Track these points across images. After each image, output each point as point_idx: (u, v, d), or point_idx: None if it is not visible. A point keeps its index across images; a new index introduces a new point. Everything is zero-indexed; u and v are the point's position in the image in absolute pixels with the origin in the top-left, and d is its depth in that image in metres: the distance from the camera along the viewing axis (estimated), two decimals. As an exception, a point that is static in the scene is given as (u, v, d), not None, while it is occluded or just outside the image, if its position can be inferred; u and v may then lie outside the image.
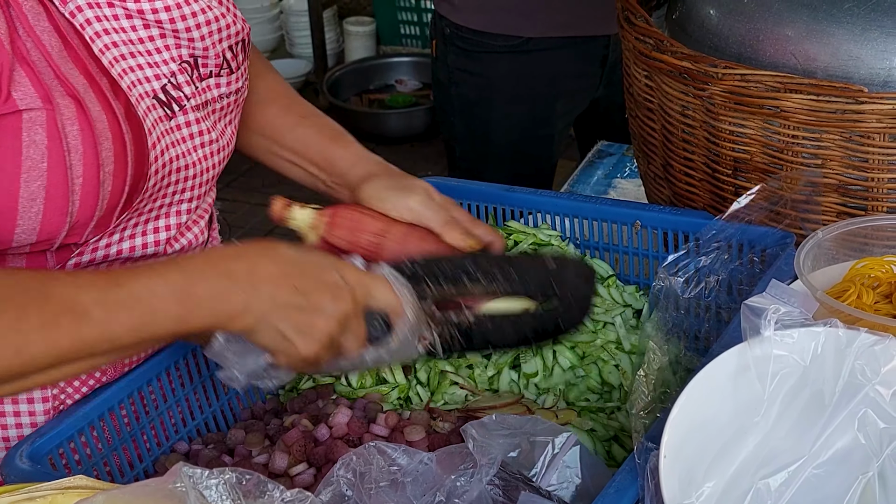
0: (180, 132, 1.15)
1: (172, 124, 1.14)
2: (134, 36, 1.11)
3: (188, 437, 1.19)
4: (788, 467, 0.97)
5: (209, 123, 1.20)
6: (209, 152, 1.20)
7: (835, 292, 1.13)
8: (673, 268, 1.25)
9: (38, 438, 1.04)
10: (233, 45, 1.21)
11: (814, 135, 1.27)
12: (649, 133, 1.48)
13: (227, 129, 1.24)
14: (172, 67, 1.14)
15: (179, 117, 1.15)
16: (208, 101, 1.19)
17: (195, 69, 1.17)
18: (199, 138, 1.18)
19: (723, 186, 1.39)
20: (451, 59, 2.33)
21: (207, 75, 1.19)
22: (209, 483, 0.71)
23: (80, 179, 1.06)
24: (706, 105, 1.33)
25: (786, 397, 0.99)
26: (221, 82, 1.20)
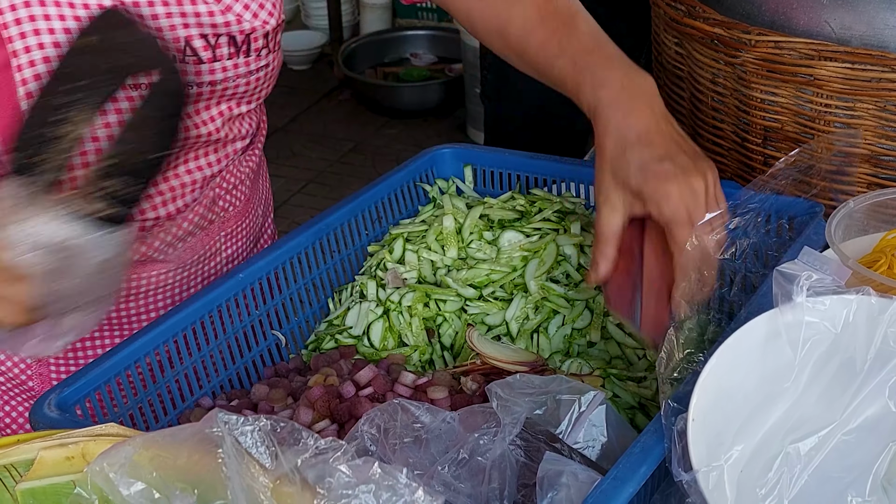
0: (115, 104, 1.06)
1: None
2: (69, 12, 1.04)
3: (212, 393, 1.19)
4: (818, 433, 0.96)
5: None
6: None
7: (865, 263, 1.12)
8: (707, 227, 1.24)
9: (66, 388, 1.04)
10: (207, 35, 1.09)
11: (847, 104, 1.26)
12: (678, 101, 1.47)
13: (201, 112, 1.16)
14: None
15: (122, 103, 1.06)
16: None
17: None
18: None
19: (752, 156, 1.37)
20: None
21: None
22: (244, 429, 0.70)
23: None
24: (738, 73, 1.32)
25: (816, 364, 0.98)
26: (188, 69, 1.10)
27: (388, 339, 1.28)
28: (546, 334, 1.27)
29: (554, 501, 0.91)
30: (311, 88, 4.84)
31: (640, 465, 0.91)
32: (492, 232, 1.37)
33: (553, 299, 1.28)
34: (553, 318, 1.28)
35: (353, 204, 1.38)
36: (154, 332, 1.13)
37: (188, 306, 1.17)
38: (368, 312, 1.29)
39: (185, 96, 1.03)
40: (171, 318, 1.15)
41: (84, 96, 0.95)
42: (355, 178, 4.04)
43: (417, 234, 1.39)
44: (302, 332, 1.33)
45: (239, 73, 1.14)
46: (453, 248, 1.35)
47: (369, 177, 2.66)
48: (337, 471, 0.71)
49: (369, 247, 1.40)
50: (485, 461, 0.97)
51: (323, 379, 1.12)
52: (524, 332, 1.27)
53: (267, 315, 1.27)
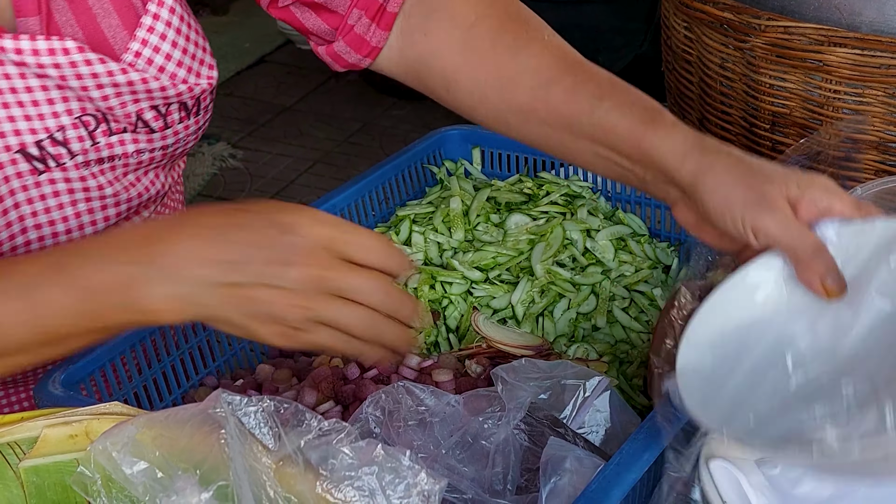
0: (53, 186, 1.02)
1: (42, 178, 1.01)
2: (20, 84, 0.96)
3: (217, 372, 1.19)
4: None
5: (109, 177, 1.06)
6: (99, 206, 1.06)
7: (872, 249, 1.12)
8: None
9: (71, 365, 1.04)
10: (159, 105, 1.03)
11: (856, 90, 1.25)
12: (686, 86, 1.46)
13: (151, 173, 1.10)
14: (63, 121, 0.99)
15: (55, 173, 1.01)
16: (115, 156, 1.04)
17: (103, 123, 1.02)
18: (82, 193, 1.04)
19: (760, 141, 1.37)
20: None
21: (120, 130, 1.03)
22: (248, 410, 0.70)
23: None
24: (747, 58, 1.32)
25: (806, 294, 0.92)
26: (140, 138, 1.04)
27: (393, 320, 1.28)
28: (551, 318, 1.27)
29: (557, 486, 0.91)
30: (318, 68, 4.81)
31: (644, 452, 0.91)
32: (499, 214, 1.37)
33: (559, 283, 1.28)
34: (559, 302, 1.28)
35: (360, 185, 1.38)
36: (159, 311, 1.13)
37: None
38: (374, 294, 1.29)
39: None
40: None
41: None
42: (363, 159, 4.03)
43: (424, 216, 1.38)
44: (307, 313, 1.33)
45: (189, 133, 1.08)
46: (460, 231, 1.35)
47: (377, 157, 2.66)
48: (340, 452, 0.71)
49: (376, 228, 1.40)
50: (489, 445, 0.97)
51: (328, 360, 1.12)
52: (529, 316, 1.27)
53: (273, 295, 1.27)
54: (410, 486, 0.71)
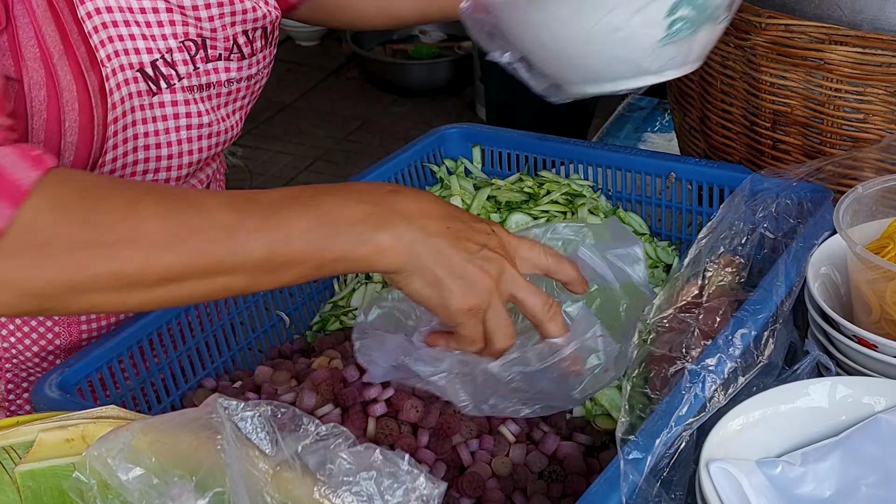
0: (162, 109, 1.11)
1: (155, 100, 1.10)
2: (136, 5, 1.07)
3: (215, 373, 1.19)
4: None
5: (207, 106, 1.16)
6: (196, 135, 1.15)
7: (873, 248, 1.11)
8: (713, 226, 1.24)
9: (67, 368, 1.04)
10: (248, 30, 1.17)
11: (857, 88, 1.24)
12: (686, 84, 1.46)
13: (231, 116, 1.20)
14: (171, 44, 1.10)
15: (165, 95, 1.11)
16: (211, 84, 1.15)
17: (201, 49, 1.13)
18: (184, 119, 1.13)
19: (761, 140, 1.36)
20: None
21: (216, 57, 1.15)
22: (245, 415, 0.70)
23: (41, 145, 1.02)
24: (748, 56, 1.31)
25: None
26: (231, 66, 1.16)
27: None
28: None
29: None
30: (318, 65, 4.83)
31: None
32: (499, 214, 1.36)
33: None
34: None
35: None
36: (157, 312, 1.12)
37: (191, 287, 1.16)
38: (374, 293, 1.29)
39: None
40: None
41: None
42: (362, 157, 4.03)
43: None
44: (307, 312, 1.32)
45: (266, 65, 1.21)
46: (459, 230, 1.34)
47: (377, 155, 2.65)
48: (338, 457, 0.70)
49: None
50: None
51: (327, 362, 1.12)
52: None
53: (271, 294, 1.27)
54: (409, 491, 0.70)
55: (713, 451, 0.93)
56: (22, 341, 1.18)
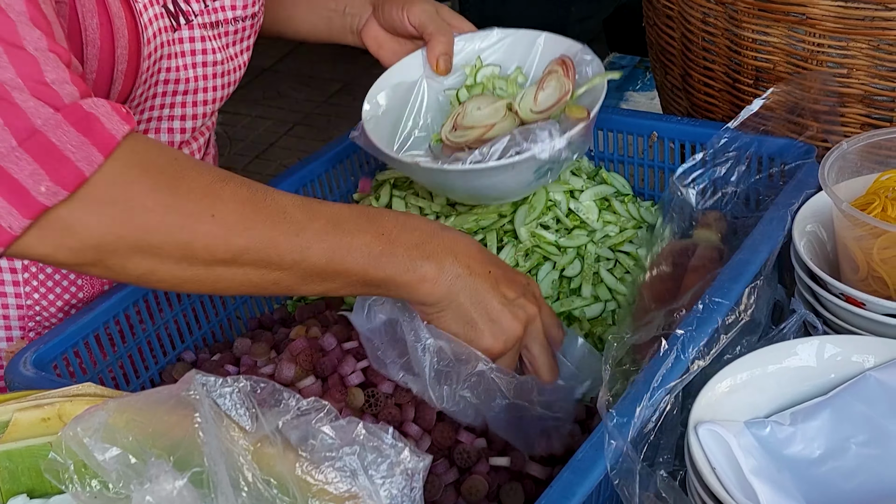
0: (181, 46, 1.14)
1: (175, 36, 1.13)
2: None
3: (195, 346, 1.17)
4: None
5: (218, 44, 1.18)
6: (210, 73, 1.18)
7: (859, 205, 1.10)
8: (686, 178, 1.23)
9: (42, 345, 1.02)
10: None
11: (840, 43, 1.23)
12: (668, 42, 1.44)
13: (238, 55, 1.23)
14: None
15: (184, 31, 1.14)
16: (219, 22, 1.18)
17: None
18: (201, 56, 1.16)
19: (743, 97, 1.35)
20: None
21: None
22: (223, 391, 0.68)
23: (94, 75, 1.04)
24: (729, 12, 1.29)
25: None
26: (237, 4, 1.19)
27: (375, 288, 1.26)
28: (535, 280, 1.25)
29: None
30: (297, 28, 4.77)
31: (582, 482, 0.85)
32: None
33: (544, 246, 1.26)
34: (543, 265, 1.26)
35: (339, 148, 1.36)
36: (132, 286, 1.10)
37: (168, 259, 1.14)
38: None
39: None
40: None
41: None
42: (344, 120, 3.99)
43: (405, 180, 1.36)
44: (287, 282, 1.30)
45: (262, 3, 1.24)
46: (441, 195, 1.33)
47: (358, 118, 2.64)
48: (320, 432, 0.69)
49: (355, 194, 1.38)
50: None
51: (304, 331, 1.10)
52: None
53: (251, 265, 1.25)
54: (394, 465, 0.69)
55: (701, 414, 0.92)
56: (46, 297, 1.18)
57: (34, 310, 1.18)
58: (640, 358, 0.98)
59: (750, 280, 1.03)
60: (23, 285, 1.17)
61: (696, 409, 0.92)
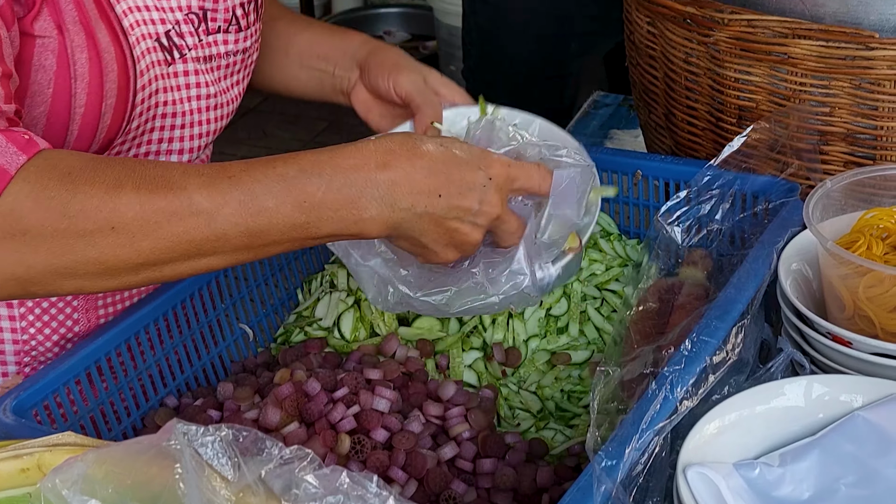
0: (176, 80, 1.14)
1: (170, 70, 1.13)
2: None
3: (177, 391, 1.16)
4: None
5: (211, 77, 1.19)
6: (204, 106, 1.18)
7: (844, 243, 1.10)
8: (671, 215, 1.23)
9: (22, 392, 1.00)
10: (244, 2, 1.21)
11: (822, 82, 1.23)
12: (651, 81, 1.44)
13: (232, 88, 1.23)
14: (178, 16, 1.14)
15: (178, 65, 1.14)
16: (213, 56, 1.18)
17: (203, 22, 1.16)
18: (195, 90, 1.17)
19: (727, 136, 1.35)
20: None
21: (216, 30, 1.18)
22: (205, 440, 0.67)
23: (82, 109, 1.04)
24: (711, 52, 1.30)
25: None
26: (229, 39, 1.20)
27: (360, 329, 1.25)
28: (521, 319, 1.25)
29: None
30: (282, 68, 4.78)
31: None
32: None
33: (529, 284, 1.25)
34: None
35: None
36: (114, 330, 1.09)
37: (150, 302, 1.13)
38: (339, 303, 1.26)
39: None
40: (132, 315, 1.11)
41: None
42: (329, 159, 3.99)
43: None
44: (271, 325, 1.30)
45: (256, 38, 1.25)
46: (425, 235, 1.32)
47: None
48: (303, 481, 0.68)
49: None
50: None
51: (289, 374, 1.09)
52: (499, 315, 1.24)
53: (234, 307, 1.24)
54: (378, 513, 0.68)
55: (690, 456, 0.91)
56: (42, 331, 1.17)
57: (30, 344, 1.17)
58: (628, 395, 0.97)
59: (737, 318, 1.02)
60: (18, 320, 1.16)
61: (684, 451, 0.91)
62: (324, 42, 1.35)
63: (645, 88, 1.47)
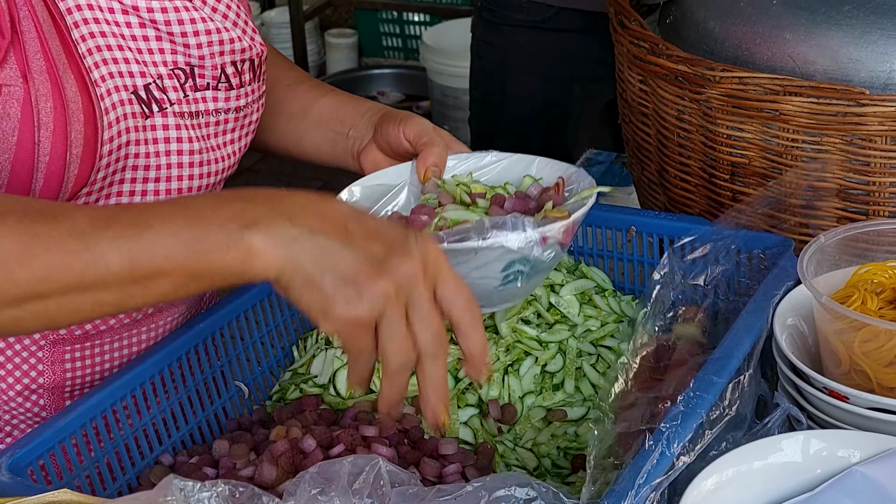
0: (154, 133, 1.14)
1: (147, 123, 1.13)
2: (127, 32, 1.12)
3: (173, 449, 1.15)
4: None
5: (197, 133, 1.18)
6: (187, 161, 1.17)
7: (838, 298, 1.10)
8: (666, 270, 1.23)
9: (18, 450, 1.00)
10: (237, 61, 1.20)
11: (814, 138, 1.24)
12: (644, 138, 1.45)
13: (224, 146, 1.23)
14: (161, 71, 1.14)
15: (157, 119, 1.14)
16: (200, 112, 1.18)
17: (190, 78, 1.17)
18: (175, 144, 1.16)
19: (720, 192, 1.36)
20: (479, 32, 2.38)
21: (203, 87, 1.18)
22: (201, 496, 0.67)
23: (47, 158, 1.04)
24: (703, 109, 1.31)
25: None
26: (219, 96, 1.20)
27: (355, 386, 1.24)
28: (517, 375, 1.25)
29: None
30: (277, 128, 4.81)
31: None
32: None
33: (525, 341, 1.26)
34: (524, 360, 1.25)
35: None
36: (111, 387, 1.09)
37: (146, 360, 1.13)
38: (334, 360, 1.26)
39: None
40: (128, 372, 1.11)
41: None
42: (323, 218, 4.00)
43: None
44: (266, 382, 1.29)
45: (255, 99, 1.24)
46: (420, 292, 1.33)
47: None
48: (299, 537, 0.67)
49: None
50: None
51: (285, 432, 1.09)
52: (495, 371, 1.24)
53: (229, 365, 1.24)
54: (374, 569, 0.68)
55: None
56: (5, 379, 1.17)
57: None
58: (625, 450, 0.97)
59: (733, 373, 1.03)
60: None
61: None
62: (343, 107, 1.37)
63: (638, 145, 1.48)
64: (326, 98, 1.39)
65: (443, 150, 1.24)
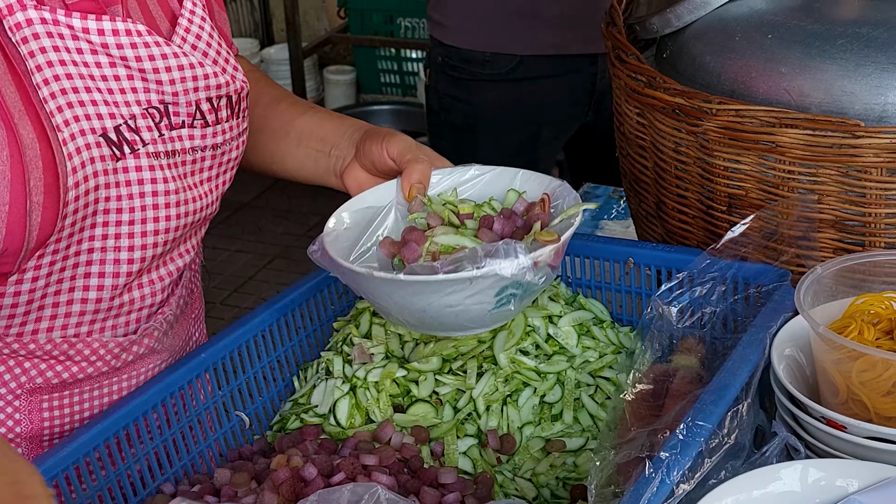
0: (126, 175, 1.12)
1: (118, 165, 1.11)
2: (97, 72, 1.09)
3: (174, 478, 1.16)
4: None
5: (173, 173, 1.16)
6: (163, 202, 1.15)
7: (836, 328, 1.11)
8: (667, 297, 1.24)
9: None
10: (212, 97, 1.18)
11: (810, 170, 1.26)
12: (641, 171, 1.47)
13: (202, 184, 1.21)
14: (134, 111, 1.12)
15: (129, 160, 1.12)
16: (176, 151, 1.16)
17: (165, 117, 1.14)
18: (150, 185, 1.14)
19: (717, 223, 1.37)
20: (442, 87, 2.42)
21: (179, 125, 1.16)
22: (204, 520, 0.67)
23: (6, 207, 1.03)
24: (700, 141, 1.32)
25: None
26: (195, 134, 1.18)
27: (356, 416, 1.25)
28: (516, 405, 1.25)
29: None
30: (275, 163, 4.82)
31: None
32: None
33: (524, 372, 1.26)
34: (523, 391, 1.26)
35: (319, 279, 1.37)
36: (112, 417, 1.09)
37: (148, 389, 1.14)
38: (334, 390, 1.27)
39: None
40: (129, 402, 1.11)
41: None
42: (322, 252, 4.00)
43: (384, 309, 1.36)
44: (267, 412, 1.30)
45: (234, 136, 1.23)
46: (420, 322, 1.33)
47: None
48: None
49: (335, 322, 1.38)
50: None
51: (286, 461, 1.09)
52: (493, 402, 1.24)
53: (231, 395, 1.25)
54: None
55: None
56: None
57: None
58: (625, 479, 0.97)
59: (731, 402, 1.03)
60: None
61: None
62: (324, 125, 1.38)
63: (635, 178, 1.49)
64: (307, 116, 1.39)
65: (426, 167, 1.27)
